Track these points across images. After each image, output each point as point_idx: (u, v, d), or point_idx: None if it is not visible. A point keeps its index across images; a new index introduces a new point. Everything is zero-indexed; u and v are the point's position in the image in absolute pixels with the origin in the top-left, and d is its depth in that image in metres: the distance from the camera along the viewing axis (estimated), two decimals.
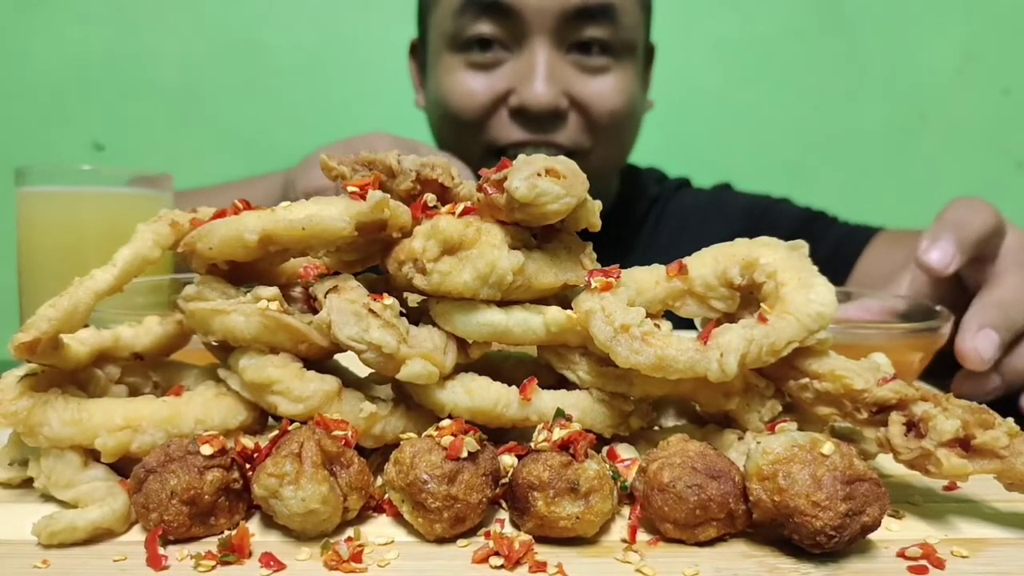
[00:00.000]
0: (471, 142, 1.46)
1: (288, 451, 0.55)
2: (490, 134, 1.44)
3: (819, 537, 0.52)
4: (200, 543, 0.55)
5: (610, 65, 1.44)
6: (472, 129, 1.45)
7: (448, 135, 1.52)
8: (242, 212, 0.65)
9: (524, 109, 1.39)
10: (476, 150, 1.45)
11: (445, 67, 1.46)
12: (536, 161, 0.63)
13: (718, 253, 0.69)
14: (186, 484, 0.55)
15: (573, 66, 1.42)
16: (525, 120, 1.41)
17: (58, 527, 0.54)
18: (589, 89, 1.43)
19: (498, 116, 1.43)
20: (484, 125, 1.44)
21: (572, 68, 1.42)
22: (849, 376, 0.62)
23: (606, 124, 1.45)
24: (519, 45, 1.41)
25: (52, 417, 0.59)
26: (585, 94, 1.42)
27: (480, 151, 1.45)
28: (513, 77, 1.41)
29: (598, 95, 1.43)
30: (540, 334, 0.65)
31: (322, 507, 0.54)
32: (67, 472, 0.59)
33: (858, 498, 0.53)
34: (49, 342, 0.60)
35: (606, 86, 1.44)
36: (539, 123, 1.41)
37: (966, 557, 0.56)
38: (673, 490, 0.55)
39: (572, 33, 1.40)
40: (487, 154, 1.45)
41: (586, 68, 1.43)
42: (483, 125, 1.44)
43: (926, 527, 0.60)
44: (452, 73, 1.45)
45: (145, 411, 0.61)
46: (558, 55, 1.41)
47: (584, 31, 1.40)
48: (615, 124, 1.47)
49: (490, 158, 1.44)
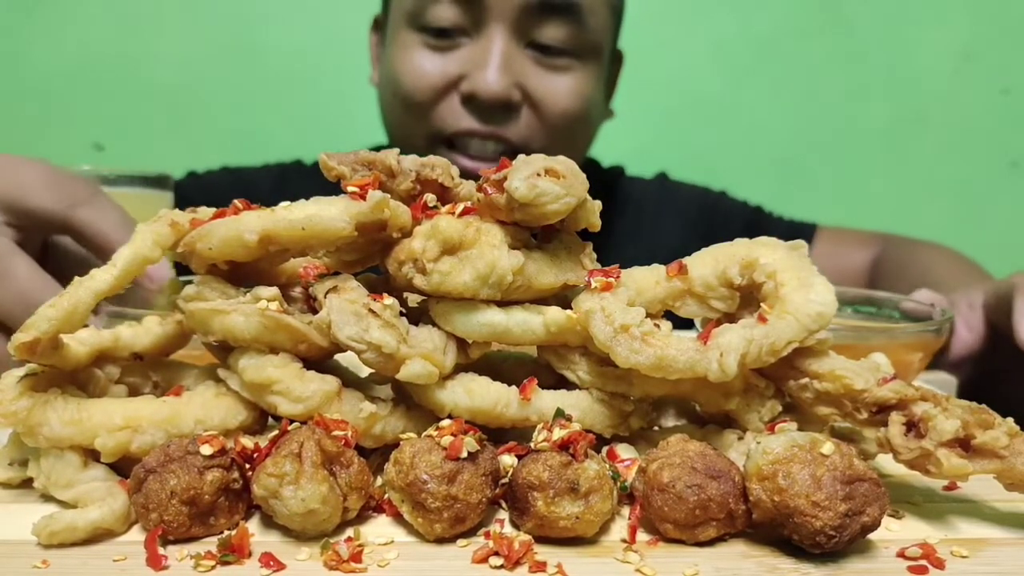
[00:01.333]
0: (417, 126, 1.43)
1: (288, 451, 0.55)
2: (437, 120, 1.41)
3: (819, 537, 0.52)
4: (200, 543, 0.55)
5: (571, 65, 1.41)
6: (420, 112, 1.41)
7: (395, 116, 1.48)
8: (242, 212, 0.65)
9: (474, 96, 1.36)
10: (421, 135, 1.42)
11: (401, 43, 1.43)
12: (536, 161, 0.63)
13: (718, 253, 0.69)
14: (186, 484, 0.55)
15: (531, 60, 1.39)
16: (475, 108, 1.38)
17: (58, 527, 0.54)
18: (545, 86, 1.39)
19: (448, 101, 1.40)
20: (432, 109, 1.41)
21: (529, 62, 1.39)
22: (849, 376, 0.62)
23: (557, 124, 1.42)
24: (478, 31, 1.38)
25: (52, 417, 0.59)
26: (540, 90, 1.39)
27: (426, 137, 1.42)
28: (467, 63, 1.38)
29: (552, 93, 1.40)
30: (540, 334, 0.65)
31: (322, 507, 0.54)
32: (67, 472, 0.59)
33: (858, 498, 0.53)
34: (49, 342, 0.59)
35: (563, 85, 1.41)
36: (489, 113, 1.38)
37: (966, 557, 0.56)
38: (673, 490, 0.55)
39: (533, 28, 1.37)
40: (432, 142, 1.42)
41: (545, 65, 1.40)
42: (431, 109, 1.41)
43: (926, 527, 0.60)
44: (407, 50, 1.42)
45: (145, 411, 0.61)
46: (516, 47, 1.38)
47: (546, 28, 1.37)
48: (567, 126, 1.43)
49: (435, 146, 1.42)
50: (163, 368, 0.72)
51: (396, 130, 1.49)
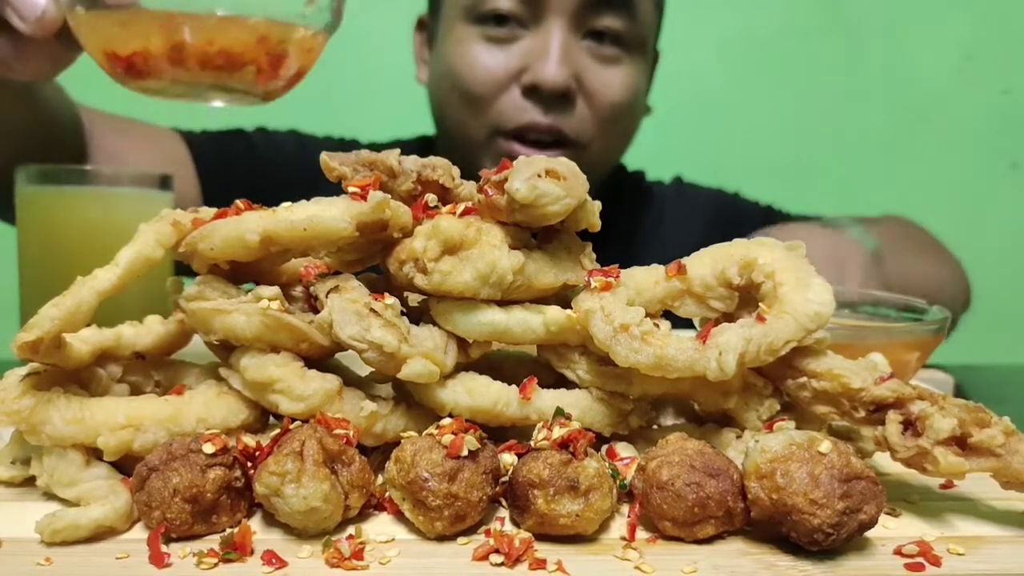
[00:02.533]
0: (477, 120, 1.43)
1: (290, 449, 0.55)
2: (498, 113, 1.41)
3: (816, 535, 0.53)
4: (202, 541, 0.56)
5: (620, 58, 1.43)
6: (480, 106, 1.41)
7: (453, 111, 1.47)
8: (243, 212, 0.65)
9: (537, 88, 1.37)
10: (481, 129, 1.42)
11: (457, 38, 1.43)
12: (536, 162, 0.63)
13: (716, 253, 0.69)
14: (188, 482, 0.55)
15: (585, 52, 1.40)
16: (537, 100, 1.38)
17: (61, 525, 0.54)
18: (599, 77, 1.41)
19: (508, 94, 1.40)
20: (493, 103, 1.41)
21: (584, 53, 1.40)
22: (847, 375, 0.62)
23: (608, 116, 1.43)
24: (536, 23, 1.39)
25: (54, 416, 0.59)
26: (594, 82, 1.41)
27: (484, 132, 1.42)
28: (527, 55, 1.38)
29: (606, 85, 1.42)
30: (540, 334, 0.65)
31: (323, 505, 0.54)
32: (69, 470, 0.59)
33: (855, 496, 0.54)
34: (52, 341, 0.60)
35: (615, 77, 1.43)
36: (550, 105, 1.38)
37: (962, 555, 0.56)
38: (672, 488, 0.55)
39: (589, 19, 1.39)
40: (492, 135, 1.42)
41: (598, 56, 1.41)
42: (492, 103, 1.41)
43: (923, 525, 0.61)
44: (464, 44, 1.42)
45: (147, 410, 0.61)
46: (573, 38, 1.39)
47: (601, 19, 1.39)
48: (616, 118, 1.45)
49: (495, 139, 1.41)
50: (165, 367, 0.72)
51: (454, 126, 1.48)
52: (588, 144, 1.44)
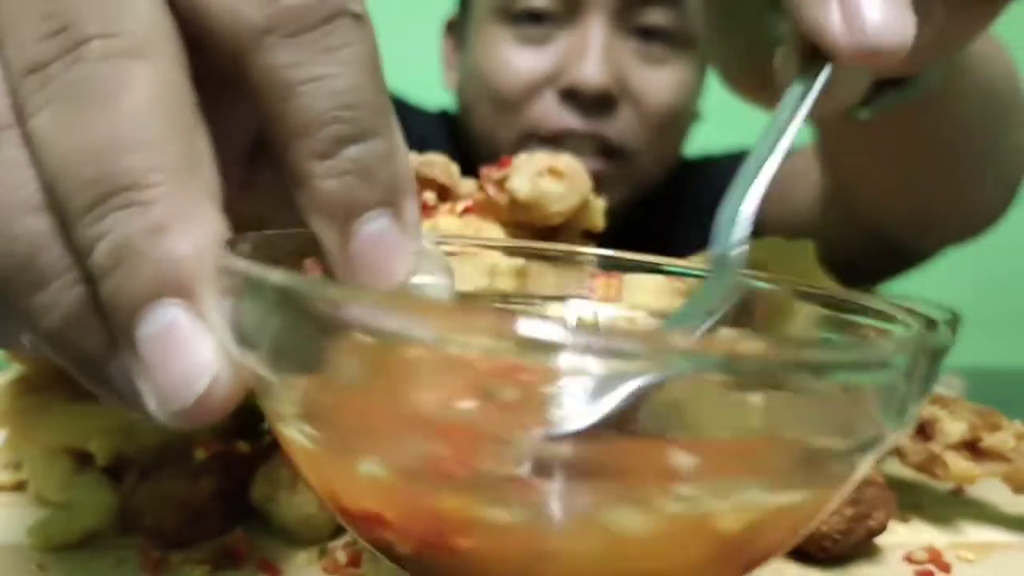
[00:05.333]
0: (509, 125, 1.32)
1: (285, 455, 0.54)
2: (532, 118, 1.30)
3: (824, 541, 0.52)
4: (195, 548, 0.54)
5: (669, 56, 1.31)
6: (512, 110, 1.31)
7: (484, 115, 1.37)
8: None
9: (575, 91, 1.26)
10: (510, 134, 1.32)
11: (489, 39, 1.33)
12: (538, 160, 0.62)
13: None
14: (181, 488, 0.54)
15: (629, 51, 1.29)
16: (575, 105, 1.27)
17: (53, 531, 0.53)
18: (646, 79, 1.29)
19: (542, 98, 1.29)
20: (526, 106, 1.30)
21: (628, 53, 1.29)
22: None
23: (657, 121, 1.32)
24: (574, 21, 1.28)
25: (45, 419, 0.58)
26: (641, 84, 1.29)
27: (515, 135, 1.31)
28: (564, 55, 1.28)
29: (654, 88, 1.30)
30: None
31: (319, 512, 0.53)
32: (61, 475, 0.58)
33: (864, 502, 0.53)
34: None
35: (664, 78, 1.31)
36: (589, 109, 1.27)
37: (972, 561, 0.55)
38: None
39: (634, 15, 1.28)
40: (523, 140, 1.30)
41: (644, 56, 1.30)
42: (525, 106, 1.30)
43: (933, 531, 0.60)
44: (496, 45, 1.32)
45: (140, 414, 0.60)
46: (616, 37, 1.28)
47: (647, 15, 1.28)
48: (667, 124, 1.34)
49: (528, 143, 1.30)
50: None
51: (485, 130, 1.38)
52: (635, 153, 1.32)
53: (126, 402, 0.29)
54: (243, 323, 0.25)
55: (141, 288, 0.25)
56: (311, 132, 0.29)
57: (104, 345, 0.28)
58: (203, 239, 0.26)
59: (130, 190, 0.25)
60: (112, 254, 0.25)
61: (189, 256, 0.25)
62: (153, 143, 0.25)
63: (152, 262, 0.25)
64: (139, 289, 0.25)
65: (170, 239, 0.25)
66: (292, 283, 0.24)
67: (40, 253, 0.26)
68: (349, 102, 0.29)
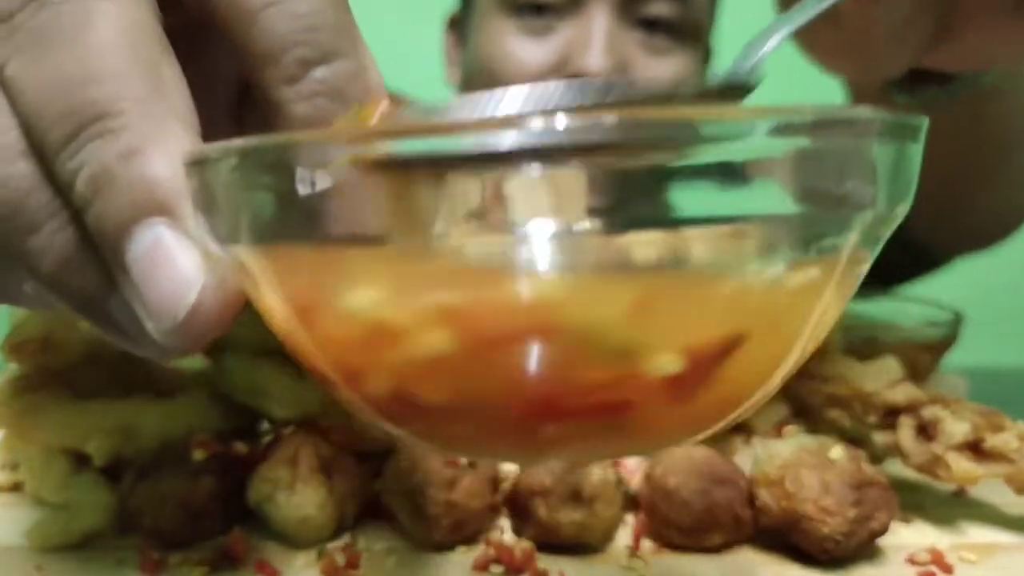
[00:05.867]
0: None
1: (283, 456, 0.54)
2: None
3: (827, 543, 0.52)
4: (193, 548, 0.54)
5: (673, 48, 1.31)
6: None
7: None
8: None
9: None
10: None
11: (492, 31, 1.33)
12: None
13: None
14: (179, 489, 0.54)
15: (633, 42, 1.29)
16: None
17: (51, 532, 0.53)
18: (649, 71, 1.29)
19: None
20: None
21: (632, 44, 1.29)
22: (858, 379, 0.61)
23: None
24: (576, 10, 1.28)
25: (43, 419, 0.58)
26: (644, 75, 1.29)
27: None
28: (567, 46, 1.27)
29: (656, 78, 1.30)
30: None
31: (318, 513, 0.53)
32: (59, 476, 0.58)
33: (867, 503, 0.53)
34: (40, 343, 0.59)
35: (667, 70, 1.30)
36: None
37: (975, 563, 0.55)
38: (678, 496, 0.54)
39: (638, 6, 1.28)
40: None
41: (648, 48, 1.30)
42: None
43: (935, 532, 0.59)
44: (499, 37, 1.32)
45: (137, 414, 0.60)
46: (620, 28, 1.28)
47: (651, 5, 1.28)
48: None
49: None
50: (156, 369, 0.71)
51: None
52: None
53: (131, 340, 0.29)
54: (220, 211, 0.26)
55: (122, 211, 0.26)
56: (277, 57, 0.29)
57: (102, 283, 0.28)
58: (176, 159, 0.26)
59: (101, 119, 0.26)
60: (91, 183, 0.26)
61: (164, 175, 0.26)
62: (119, 74, 0.26)
63: (128, 184, 0.26)
64: (121, 212, 0.26)
65: (143, 161, 0.26)
66: (261, 140, 0.24)
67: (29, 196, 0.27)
68: (311, 24, 0.29)
